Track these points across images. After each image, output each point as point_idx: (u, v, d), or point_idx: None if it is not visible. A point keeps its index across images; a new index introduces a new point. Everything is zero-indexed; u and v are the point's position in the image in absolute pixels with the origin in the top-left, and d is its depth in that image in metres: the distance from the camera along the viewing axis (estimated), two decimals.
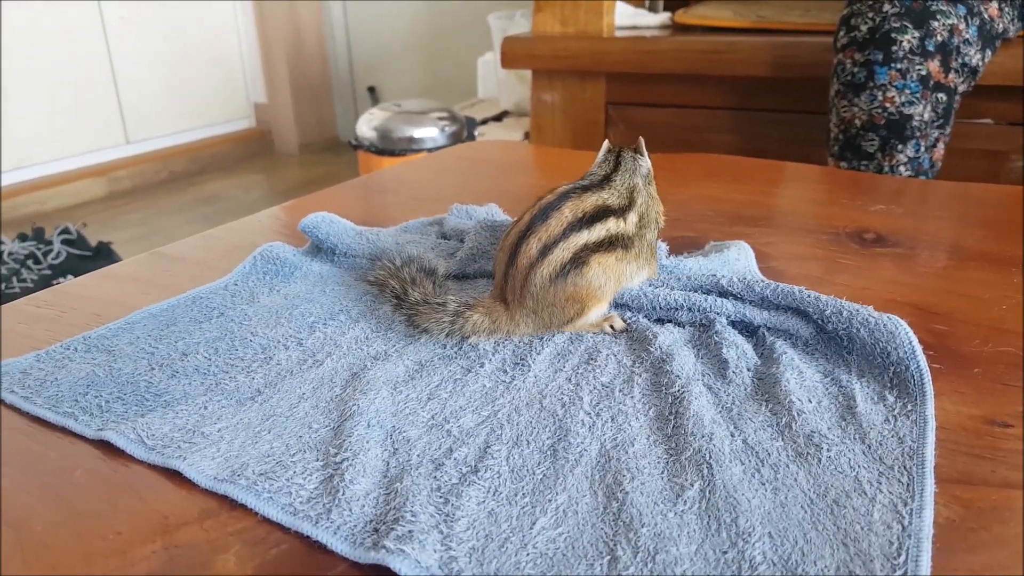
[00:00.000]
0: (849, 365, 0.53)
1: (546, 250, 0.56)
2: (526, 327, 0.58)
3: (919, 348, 0.51)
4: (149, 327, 0.61)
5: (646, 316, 0.61)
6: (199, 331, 0.60)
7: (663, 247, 0.70)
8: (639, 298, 0.61)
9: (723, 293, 0.60)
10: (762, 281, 0.58)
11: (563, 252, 0.56)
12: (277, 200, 2.81)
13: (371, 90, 4.39)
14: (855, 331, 0.53)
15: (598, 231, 0.57)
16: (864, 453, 0.44)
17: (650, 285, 0.62)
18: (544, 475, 0.44)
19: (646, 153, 0.64)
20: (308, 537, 0.39)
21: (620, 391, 0.52)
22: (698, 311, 0.59)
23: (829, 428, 0.47)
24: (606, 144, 0.64)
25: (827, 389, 0.51)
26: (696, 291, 0.61)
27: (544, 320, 0.58)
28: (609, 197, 0.59)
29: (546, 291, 0.56)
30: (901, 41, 1.22)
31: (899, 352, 0.51)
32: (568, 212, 0.57)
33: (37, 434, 0.49)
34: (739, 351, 0.55)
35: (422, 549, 0.37)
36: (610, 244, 0.58)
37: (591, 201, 0.58)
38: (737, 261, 0.69)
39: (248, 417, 0.49)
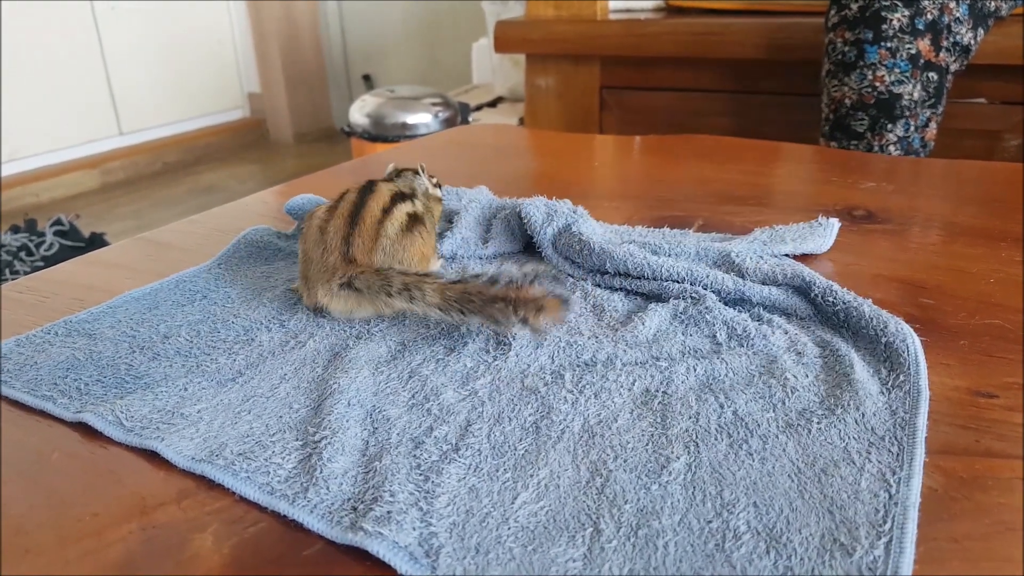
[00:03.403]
0: (845, 339, 0.53)
1: (385, 212, 0.62)
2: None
3: (912, 333, 0.51)
4: (131, 311, 0.61)
5: (639, 288, 0.62)
6: (181, 314, 0.60)
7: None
8: (641, 265, 0.61)
9: (729, 268, 0.62)
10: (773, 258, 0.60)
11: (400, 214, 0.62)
12: None
13: (366, 78, 4.38)
14: (852, 307, 0.53)
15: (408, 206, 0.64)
16: (856, 424, 0.44)
17: (653, 254, 0.63)
18: (526, 451, 0.43)
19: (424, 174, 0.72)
20: (285, 516, 0.39)
21: (603, 367, 0.51)
22: (695, 282, 0.60)
23: (822, 400, 0.46)
24: (391, 165, 0.74)
25: (824, 362, 0.51)
26: (701, 263, 0.62)
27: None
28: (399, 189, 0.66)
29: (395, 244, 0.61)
30: (891, 19, 1.21)
31: (893, 330, 0.51)
32: (385, 191, 0.64)
33: (15, 418, 0.48)
34: (730, 325, 0.54)
35: (400, 529, 0.37)
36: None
37: (389, 187, 0.65)
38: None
39: (228, 398, 0.49)
